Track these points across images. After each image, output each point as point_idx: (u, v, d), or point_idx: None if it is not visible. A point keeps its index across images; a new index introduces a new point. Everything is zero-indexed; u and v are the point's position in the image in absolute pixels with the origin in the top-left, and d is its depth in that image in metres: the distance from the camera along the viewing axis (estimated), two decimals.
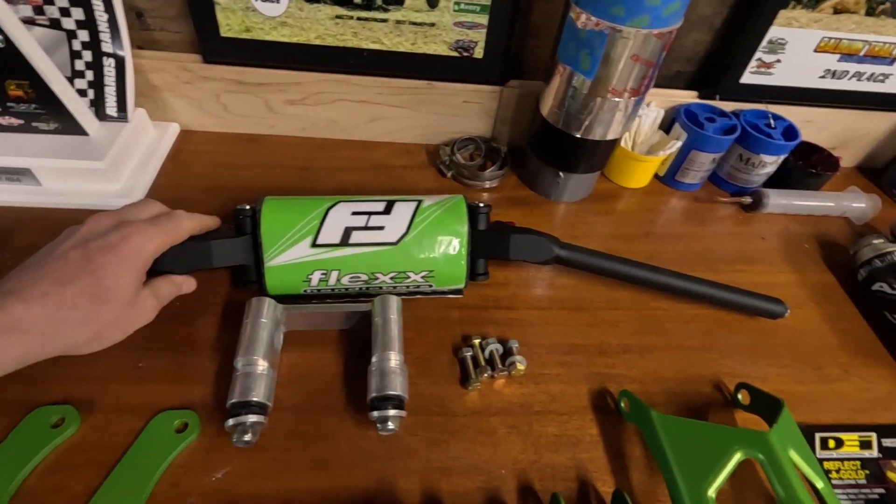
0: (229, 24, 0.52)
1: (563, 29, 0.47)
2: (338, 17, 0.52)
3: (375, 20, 0.53)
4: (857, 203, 0.62)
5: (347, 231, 0.43)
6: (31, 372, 0.39)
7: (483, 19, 0.53)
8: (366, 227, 0.43)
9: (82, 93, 0.52)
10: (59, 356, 0.35)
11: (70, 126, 0.51)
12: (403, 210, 0.44)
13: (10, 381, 0.39)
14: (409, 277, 0.44)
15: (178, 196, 0.54)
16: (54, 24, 0.50)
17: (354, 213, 0.43)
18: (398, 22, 0.53)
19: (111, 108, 0.54)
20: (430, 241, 0.44)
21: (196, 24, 0.53)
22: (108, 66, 0.52)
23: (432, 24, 0.53)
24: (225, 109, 0.60)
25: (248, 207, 0.43)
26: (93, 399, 0.39)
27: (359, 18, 0.53)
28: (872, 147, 0.70)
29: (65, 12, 0.50)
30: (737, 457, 0.34)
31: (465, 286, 0.47)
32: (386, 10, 0.52)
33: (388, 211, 0.44)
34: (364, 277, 0.44)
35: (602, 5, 0.43)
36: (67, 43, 0.51)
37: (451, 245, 0.44)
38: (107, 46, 0.52)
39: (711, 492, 0.33)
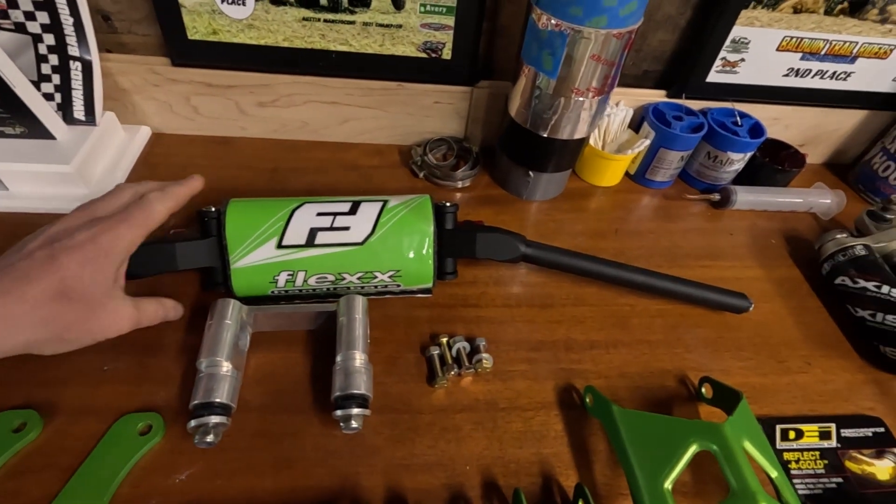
0: (196, 27, 0.52)
1: (526, 30, 0.48)
2: (304, 19, 0.53)
3: (342, 22, 0.53)
4: (823, 199, 0.64)
5: (313, 232, 0.43)
6: None
7: (449, 20, 0.54)
8: (331, 228, 0.43)
9: (49, 97, 0.52)
10: (24, 358, 0.34)
11: (37, 130, 0.51)
12: (369, 210, 0.44)
13: None
14: (376, 277, 0.45)
15: None
16: (19, 28, 0.50)
17: (320, 214, 0.44)
18: (365, 24, 0.53)
19: (79, 111, 0.54)
20: (396, 241, 0.44)
21: (163, 27, 0.53)
22: (75, 69, 0.52)
23: (399, 26, 0.54)
24: (196, 112, 0.60)
25: (212, 210, 0.44)
26: (55, 402, 0.39)
27: (325, 20, 0.53)
28: (840, 143, 0.71)
29: (30, 16, 0.50)
30: (692, 449, 0.35)
31: (434, 285, 0.47)
32: (352, 13, 0.52)
33: (353, 211, 0.44)
34: (331, 278, 0.44)
35: (561, 6, 0.43)
36: (33, 47, 0.51)
37: (418, 244, 0.44)
38: (73, 50, 0.52)
39: (668, 484, 0.34)
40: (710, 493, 0.39)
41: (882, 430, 0.45)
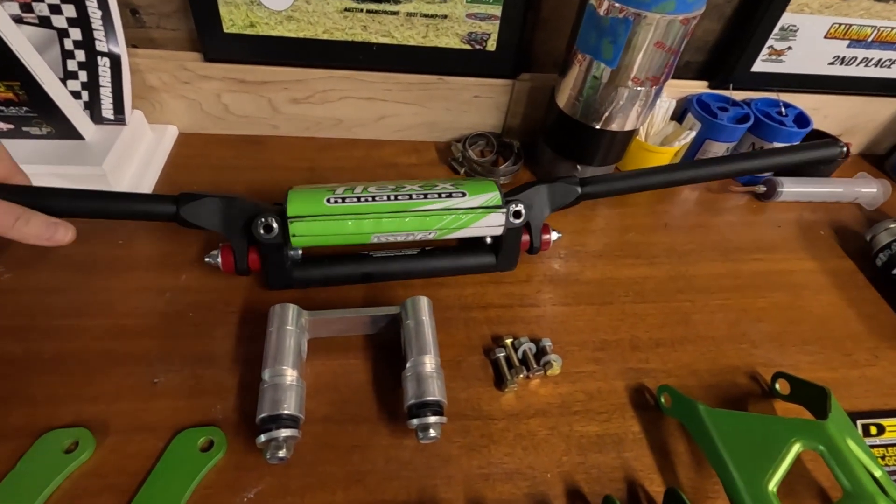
0: (233, 20, 0.50)
1: (583, 18, 0.46)
2: (346, 9, 0.50)
3: (386, 13, 0.51)
4: (868, 188, 0.63)
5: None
6: (37, 393, 0.37)
7: (496, 10, 0.52)
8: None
9: (76, 94, 0.49)
10: (69, 371, 0.35)
11: (64, 130, 0.48)
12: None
13: (13, 403, 0.36)
14: (436, 186, 0.43)
15: None
16: (44, 23, 0.47)
17: None
18: (409, 14, 0.51)
19: (107, 110, 0.51)
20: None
21: (197, 20, 0.50)
22: (103, 65, 0.50)
23: (444, 16, 0.52)
24: (226, 110, 0.58)
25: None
26: (105, 419, 0.36)
27: (368, 11, 0.51)
28: (876, 133, 0.70)
29: (55, 9, 0.47)
30: (795, 448, 0.33)
31: (502, 235, 0.46)
32: (397, 2, 0.50)
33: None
34: (391, 186, 0.43)
35: None
36: (59, 42, 0.48)
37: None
38: (101, 45, 0.49)
39: (772, 486, 0.32)
40: (801, 495, 0.38)
41: None
